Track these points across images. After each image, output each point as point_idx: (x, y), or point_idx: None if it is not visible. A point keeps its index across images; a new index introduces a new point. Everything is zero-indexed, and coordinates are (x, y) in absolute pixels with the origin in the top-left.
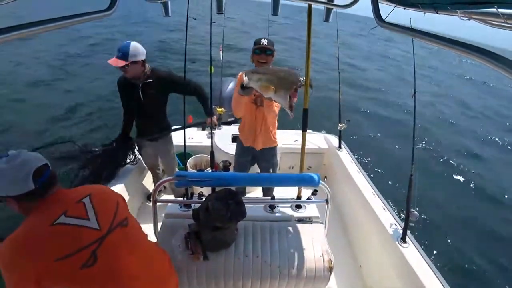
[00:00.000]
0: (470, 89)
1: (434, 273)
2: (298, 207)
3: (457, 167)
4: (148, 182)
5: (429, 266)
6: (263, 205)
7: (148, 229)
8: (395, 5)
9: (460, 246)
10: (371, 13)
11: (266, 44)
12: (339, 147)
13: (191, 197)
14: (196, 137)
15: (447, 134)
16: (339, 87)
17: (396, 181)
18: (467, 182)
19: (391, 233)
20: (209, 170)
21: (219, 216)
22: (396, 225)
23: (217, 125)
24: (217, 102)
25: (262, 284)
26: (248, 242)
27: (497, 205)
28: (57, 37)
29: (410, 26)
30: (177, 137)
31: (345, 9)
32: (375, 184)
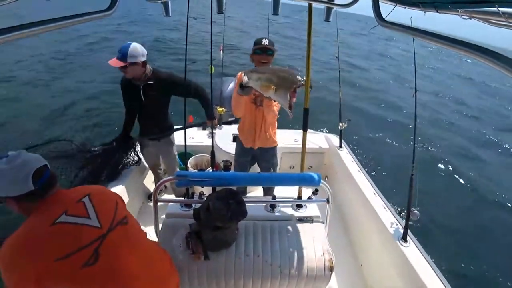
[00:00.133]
0: (470, 89)
1: (435, 272)
2: (299, 206)
3: (457, 166)
4: (149, 182)
5: (430, 266)
6: (263, 204)
7: (149, 229)
8: (395, 4)
9: (460, 246)
10: (371, 12)
11: (267, 44)
12: (340, 146)
13: (192, 197)
14: (196, 136)
15: (448, 134)
16: (339, 86)
17: (396, 181)
18: (468, 182)
19: (392, 232)
20: (209, 169)
21: (220, 215)
22: (397, 225)
23: (218, 125)
24: (217, 101)
25: (263, 283)
26: (249, 241)
27: (498, 205)
28: (55, 36)
29: (410, 25)
30: (177, 137)
31: (346, 8)
32: (375, 183)
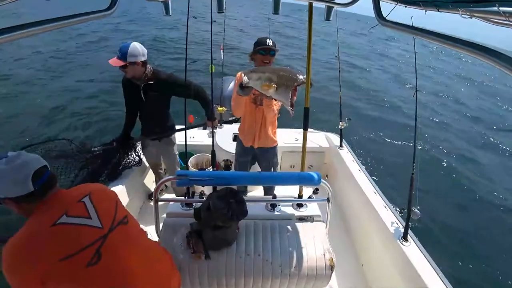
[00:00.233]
0: (471, 89)
1: (435, 271)
2: (299, 205)
3: (458, 166)
4: (149, 181)
5: (431, 265)
6: (264, 203)
7: (150, 228)
8: (396, 3)
9: (461, 245)
10: (372, 12)
11: (271, 44)
12: (340, 145)
13: (193, 196)
14: (197, 136)
15: (448, 134)
16: (340, 86)
17: (397, 180)
18: (468, 181)
19: (393, 231)
20: (210, 169)
21: (220, 215)
22: (397, 224)
23: (218, 124)
24: (218, 101)
25: (264, 282)
26: (250, 240)
27: (498, 205)
28: (54, 35)
29: (411, 24)
30: (178, 136)
31: (346, 8)
32: (376, 182)
